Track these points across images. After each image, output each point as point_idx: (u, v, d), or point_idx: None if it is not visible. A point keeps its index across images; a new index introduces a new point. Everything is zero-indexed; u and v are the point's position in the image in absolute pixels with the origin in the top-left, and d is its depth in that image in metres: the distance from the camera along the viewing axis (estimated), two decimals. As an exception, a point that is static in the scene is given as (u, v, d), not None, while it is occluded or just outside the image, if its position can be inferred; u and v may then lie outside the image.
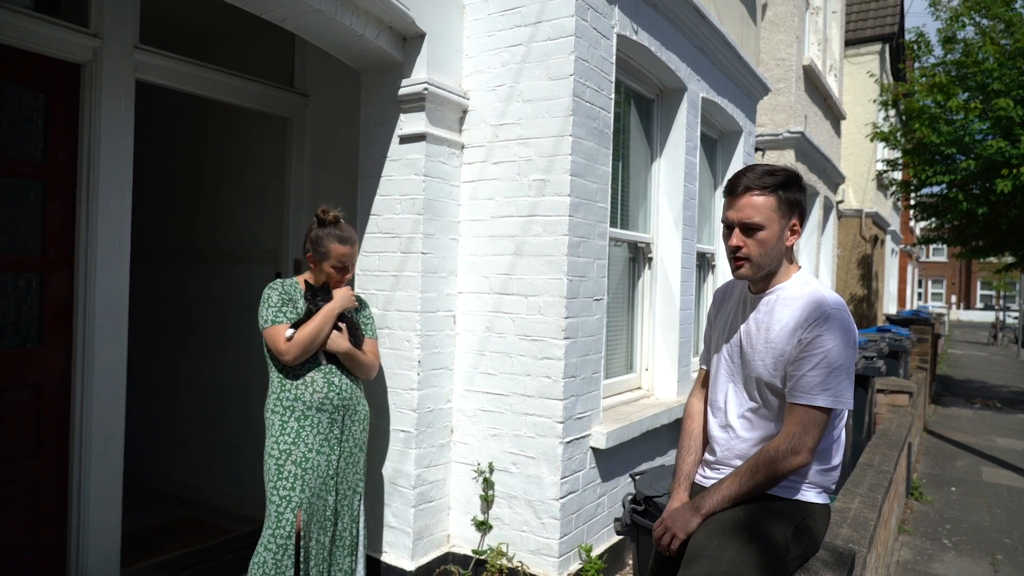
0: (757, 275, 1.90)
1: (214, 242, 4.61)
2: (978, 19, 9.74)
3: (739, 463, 1.92)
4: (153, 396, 4.80)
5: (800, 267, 1.97)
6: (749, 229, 1.86)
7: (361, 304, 3.04)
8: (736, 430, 1.95)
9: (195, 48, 3.81)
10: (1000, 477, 6.55)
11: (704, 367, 2.22)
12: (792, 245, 1.91)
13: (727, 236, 1.92)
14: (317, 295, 2.77)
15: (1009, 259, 12.00)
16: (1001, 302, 32.36)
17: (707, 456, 2.08)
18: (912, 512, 5.39)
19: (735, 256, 1.90)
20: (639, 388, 4.50)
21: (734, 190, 1.90)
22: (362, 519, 2.96)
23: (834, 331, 1.77)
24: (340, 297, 2.82)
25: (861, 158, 14.20)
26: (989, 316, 39.25)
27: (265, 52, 4.20)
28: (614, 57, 3.63)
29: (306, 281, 2.81)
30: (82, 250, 3.02)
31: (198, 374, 4.64)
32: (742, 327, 1.96)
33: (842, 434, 1.95)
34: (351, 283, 3.54)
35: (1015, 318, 28.81)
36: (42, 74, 2.93)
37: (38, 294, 2.96)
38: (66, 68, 2.99)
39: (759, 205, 1.85)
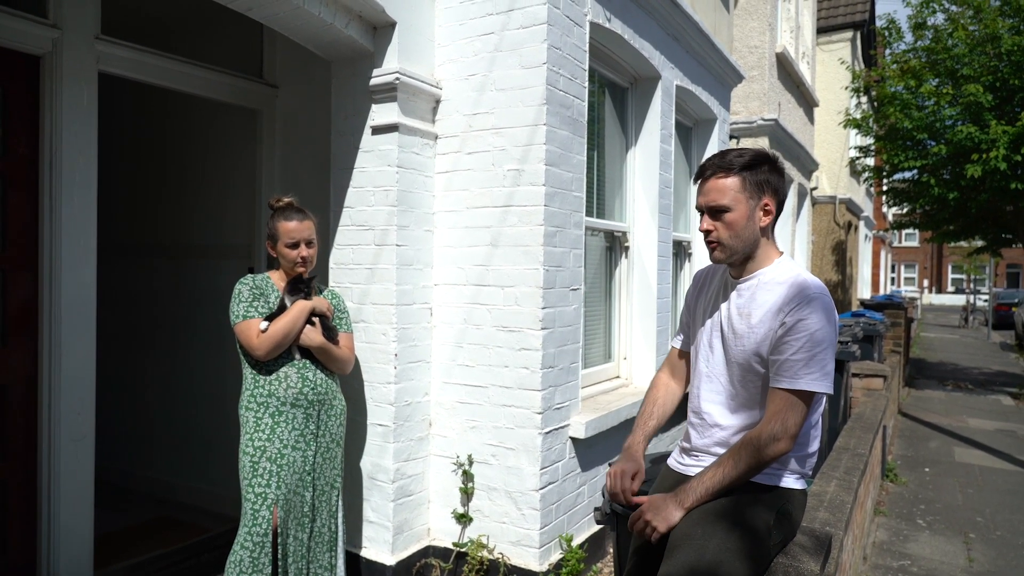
0: (732, 258, 1.89)
1: (183, 237, 4.53)
2: (948, 5, 9.85)
3: (719, 450, 1.92)
4: (125, 395, 4.71)
5: (782, 252, 1.97)
6: (716, 212, 1.87)
7: (335, 298, 3.01)
8: (716, 417, 1.95)
9: (160, 39, 3.72)
10: (972, 457, 6.68)
11: (675, 346, 2.22)
12: (767, 226, 1.90)
13: (700, 222, 1.93)
14: (300, 288, 2.74)
15: (979, 243, 12.22)
16: (972, 285, 32.94)
17: (683, 443, 2.08)
18: (887, 494, 5.48)
19: (708, 241, 1.90)
20: (617, 377, 4.51)
21: (701, 175, 1.92)
22: (340, 514, 2.93)
23: (817, 314, 1.76)
24: (315, 298, 2.80)
25: (834, 145, 14.34)
26: (960, 299, 39.98)
27: (233, 43, 4.11)
28: (587, 45, 3.60)
29: (297, 275, 2.78)
30: (46, 247, 2.94)
31: (170, 372, 4.56)
32: (724, 312, 1.95)
33: (819, 421, 1.96)
34: (325, 276, 3.50)
35: (985, 301, 29.36)
36: (-1, 66, 2.84)
37: (0, 292, 2.88)
38: (25, 60, 2.89)
39: (723, 187, 1.86)
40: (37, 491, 2.96)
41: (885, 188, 12.05)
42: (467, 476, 3.39)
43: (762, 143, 8.28)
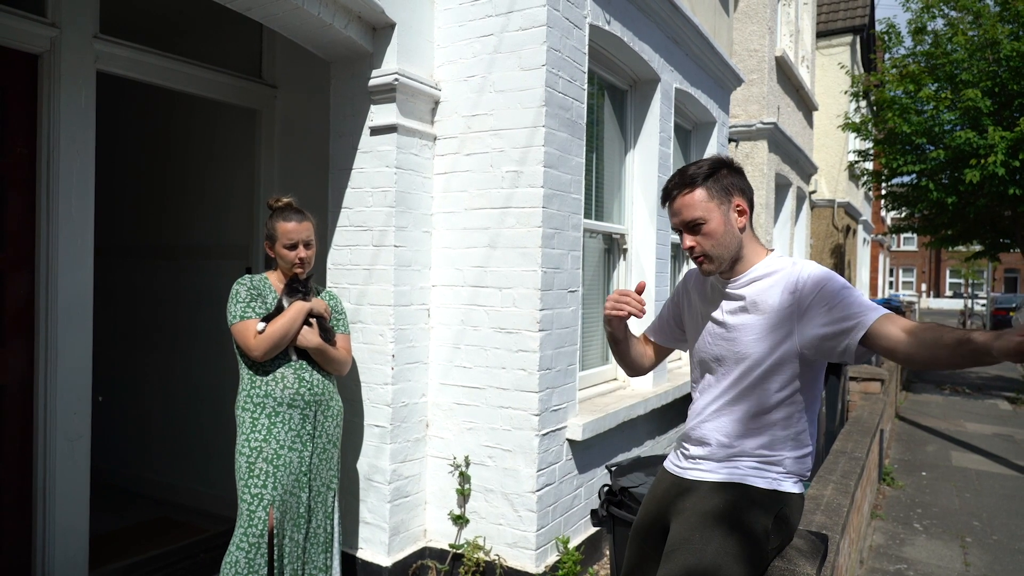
0: (722, 266, 1.90)
1: (181, 237, 4.52)
2: (947, 10, 9.87)
3: (719, 452, 1.91)
4: (122, 395, 4.71)
5: (772, 250, 1.98)
6: (693, 227, 1.88)
7: (333, 299, 3.00)
8: (715, 420, 1.95)
9: (159, 39, 3.72)
10: (969, 461, 6.68)
11: (648, 336, 2.27)
12: (744, 226, 1.91)
13: (682, 241, 1.94)
14: (297, 289, 2.73)
15: (977, 247, 12.25)
16: (970, 290, 32.95)
17: (682, 446, 2.07)
18: (884, 497, 5.47)
19: (694, 257, 1.91)
20: (615, 379, 4.51)
21: (667, 197, 1.93)
22: (337, 515, 2.93)
23: (832, 279, 1.78)
24: (315, 300, 2.80)
25: (833, 149, 14.37)
26: (958, 304, 40.01)
27: (232, 43, 4.11)
28: (587, 47, 3.61)
29: (294, 275, 2.78)
30: (43, 247, 2.93)
31: (167, 372, 4.55)
32: (719, 317, 1.95)
33: (815, 420, 1.96)
34: (323, 277, 3.50)
35: (983, 305, 29.39)
36: (-2, 65, 2.84)
37: (-3, 292, 2.88)
38: (23, 59, 2.89)
39: (692, 202, 1.87)
40: (33, 491, 2.95)
41: (884, 192, 12.08)
42: (464, 477, 3.38)
43: (761, 146, 8.29)
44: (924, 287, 46.20)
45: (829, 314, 1.74)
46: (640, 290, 1.97)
